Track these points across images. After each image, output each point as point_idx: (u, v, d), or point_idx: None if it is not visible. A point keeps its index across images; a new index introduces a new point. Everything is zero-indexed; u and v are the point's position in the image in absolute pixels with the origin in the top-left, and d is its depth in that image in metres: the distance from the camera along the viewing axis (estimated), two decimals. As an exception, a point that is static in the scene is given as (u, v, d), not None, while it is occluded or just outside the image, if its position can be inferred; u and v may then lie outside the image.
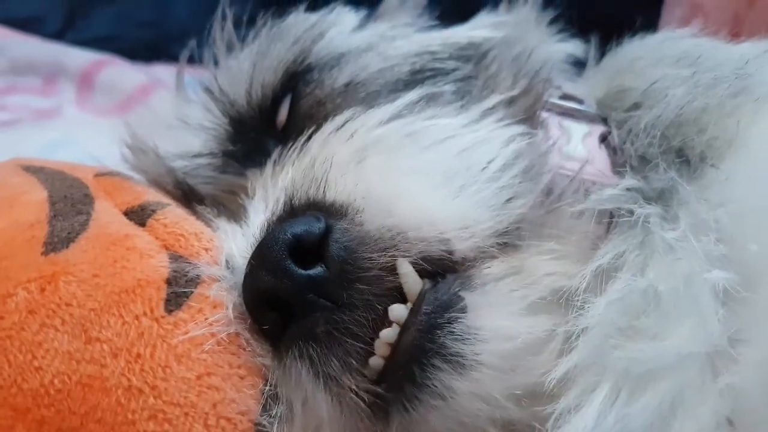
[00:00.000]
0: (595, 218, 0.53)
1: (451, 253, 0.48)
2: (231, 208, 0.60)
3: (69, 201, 0.48)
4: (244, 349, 0.46)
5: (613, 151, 0.62)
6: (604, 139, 0.63)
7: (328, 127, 0.55)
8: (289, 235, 0.46)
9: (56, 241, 0.44)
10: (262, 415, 0.45)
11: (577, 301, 0.48)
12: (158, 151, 0.63)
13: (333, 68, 0.64)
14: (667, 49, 0.65)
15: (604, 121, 0.65)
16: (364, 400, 0.45)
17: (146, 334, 0.43)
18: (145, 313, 0.44)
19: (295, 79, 0.64)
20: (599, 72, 0.72)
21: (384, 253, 0.46)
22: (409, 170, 0.50)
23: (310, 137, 0.55)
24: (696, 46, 0.64)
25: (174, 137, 0.63)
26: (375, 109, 0.55)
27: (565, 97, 0.67)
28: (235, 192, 0.61)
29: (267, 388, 0.46)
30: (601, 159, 0.61)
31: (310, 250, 0.46)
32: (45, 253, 0.44)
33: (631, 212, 0.53)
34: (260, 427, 0.45)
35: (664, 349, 0.45)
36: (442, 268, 0.48)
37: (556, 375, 0.45)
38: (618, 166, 0.60)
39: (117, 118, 1.15)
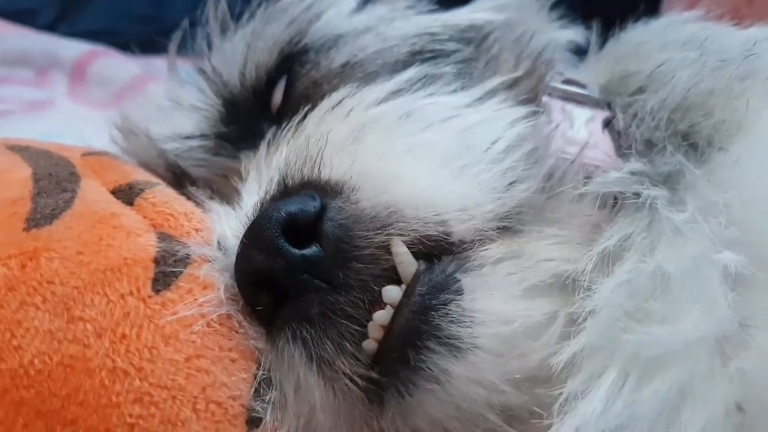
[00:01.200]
0: (598, 202, 0.52)
1: (448, 234, 0.46)
2: (224, 191, 0.58)
3: (54, 179, 0.46)
4: (236, 332, 0.44)
5: (617, 135, 0.61)
6: (607, 123, 0.62)
7: (325, 104, 0.53)
8: (282, 214, 0.44)
9: (39, 218, 0.42)
10: (255, 401, 0.43)
11: (584, 283, 0.46)
12: (149, 133, 0.61)
13: (330, 49, 0.62)
14: (672, 33, 0.64)
15: (608, 105, 0.63)
16: (358, 385, 0.43)
17: (132, 314, 0.41)
18: (131, 293, 0.42)
19: (291, 61, 0.62)
20: (602, 58, 0.71)
21: (380, 231, 0.45)
22: (407, 149, 0.48)
23: (305, 116, 0.54)
24: (702, 29, 0.63)
25: (166, 119, 0.61)
26: (373, 86, 0.53)
27: (568, 81, 0.65)
28: (228, 175, 0.59)
29: (261, 372, 0.44)
30: (605, 143, 0.60)
31: (304, 229, 0.44)
32: (27, 229, 0.42)
33: (638, 194, 0.51)
34: (252, 412, 0.43)
35: (673, 334, 0.43)
36: (439, 250, 0.46)
37: (563, 358, 0.43)
38: (623, 149, 0.58)
39: (111, 110, 1.13)
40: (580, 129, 0.60)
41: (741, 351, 0.44)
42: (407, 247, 0.45)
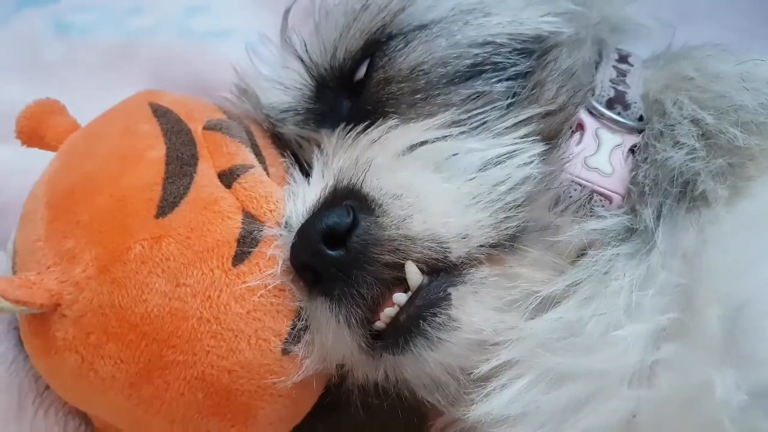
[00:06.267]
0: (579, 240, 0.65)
1: (448, 256, 0.63)
2: (305, 157, 0.76)
3: (179, 162, 0.65)
4: (283, 291, 0.65)
5: (633, 166, 0.69)
6: (634, 149, 0.70)
7: (379, 130, 0.67)
8: (323, 225, 0.62)
9: (165, 205, 0.62)
10: (295, 342, 0.65)
11: (530, 310, 0.62)
12: (259, 100, 0.78)
13: (408, 44, 0.72)
14: (714, 82, 0.68)
15: (641, 131, 0.71)
16: (360, 347, 0.64)
17: (217, 282, 0.62)
18: (218, 267, 0.62)
19: (374, 47, 0.73)
20: (662, 72, 0.75)
21: (392, 255, 0.62)
22: (431, 187, 0.64)
23: (366, 128, 0.68)
24: (738, 85, 0.66)
25: (271, 92, 0.77)
26: (416, 123, 0.67)
27: (612, 101, 0.72)
28: (311, 142, 0.76)
29: (301, 322, 0.65)
30: (620, 174, 0.69)
31: (339, 234, 0.63)
32: (156, 216, 0.62)
33: (608, 244, 0.63)
34: (286, 345, 0.65)
35: (581, 365, 0.59)
36: (441, 265, 0.63)
37: (494, 364, 0.61)
38: (631, 184, 0.68)
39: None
40: (604, 158, 0.69)
41: (643, 385, 0.59)
42: (417, 260, 0.63)
